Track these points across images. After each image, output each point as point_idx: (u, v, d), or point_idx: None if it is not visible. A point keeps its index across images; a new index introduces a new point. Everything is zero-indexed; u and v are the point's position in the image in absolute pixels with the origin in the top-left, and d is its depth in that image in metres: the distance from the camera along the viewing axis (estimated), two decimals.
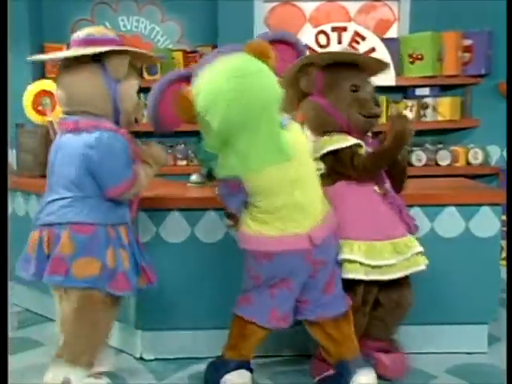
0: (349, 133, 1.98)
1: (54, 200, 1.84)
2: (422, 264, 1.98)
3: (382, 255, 1.92)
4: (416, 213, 2.20)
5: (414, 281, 2.05)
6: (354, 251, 1.92)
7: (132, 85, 1.91)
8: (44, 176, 2.81)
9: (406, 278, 2.01)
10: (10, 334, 2.51)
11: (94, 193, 1.82)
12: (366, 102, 1.97)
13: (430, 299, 2.17)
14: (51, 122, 2.71)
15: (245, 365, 1.98)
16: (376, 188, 1.99)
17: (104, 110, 1.84)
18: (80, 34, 1.90)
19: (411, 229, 2.01)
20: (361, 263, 1.92)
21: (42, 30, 3.94)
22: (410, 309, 2.07)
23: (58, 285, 1.83)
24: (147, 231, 2.23)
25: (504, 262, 2.66)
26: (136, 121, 2.01)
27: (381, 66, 2.07)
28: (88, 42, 1.85)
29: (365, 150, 1.98)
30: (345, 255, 1.92)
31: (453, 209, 2.27)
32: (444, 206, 2.27)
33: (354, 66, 2.01)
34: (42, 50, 3.85)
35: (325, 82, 1.99)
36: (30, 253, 1.86)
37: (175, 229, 2.25)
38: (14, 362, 2.21)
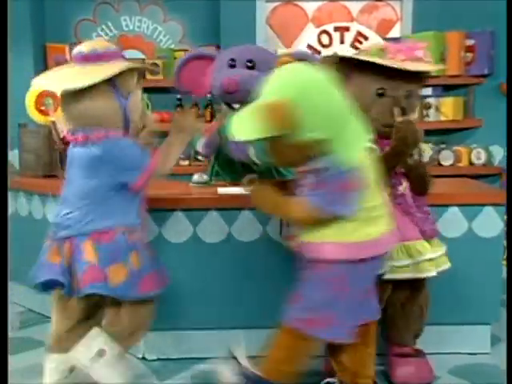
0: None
1: (70, 212, 1.86)
2: (432, 271, 1.96)
3: (391, 255, 1.90)
4: None
5: None
6: None
7: (138, 94, 1.95)
8: (46, 176, 2.84)
9: (420, 280, 2.00)
10: (12, 334, 2.52)
11: (110, 199, 1.85)
12: (386, 109, 1.91)
13: (433, 300, 2.15)
14: (54, 122, 2.72)
15: None
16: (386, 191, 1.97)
17: (116, 124, 1.88)
18: (82, 48, 1.87)
19: (426, 233, 1.99)
20: None
21: (44, 30, 3.95)
22: (422, 312, 2.07)
23: (100, 293, 1.83)
24: (150, 231, 2.22)
25: (505, 262, 2.65)
26: (143, 127, 2.05)
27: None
28: (93, 57, 1.84)
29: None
30: None
31: (456, 209, 2.27)
32: (447, 206, 2.26)
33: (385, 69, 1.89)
34: (43, 50, 3.86)
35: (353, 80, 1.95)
36: (51, 260, 1.86)
37: (178, 229, 2.25)
38: (16, 362, 2.21)
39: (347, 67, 1.96)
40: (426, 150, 1.92)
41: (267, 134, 1.53)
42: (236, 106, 2.47)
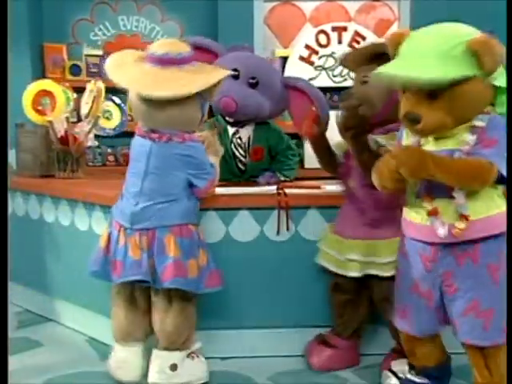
0: None
1: (152, 205, 1.92)
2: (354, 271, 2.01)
3: (342, 250, 2.03)
4: None
5: None
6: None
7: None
8: (44, 176, 2.83)
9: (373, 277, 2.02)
10: (10, 334, 2.51)
11: (186, 196, 1.97)
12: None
13: None
14: (51, 122, 2.71)
15: None
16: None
17: (194, 127, 2.00)
18: (166, 50, 1.88)
19: (373, 234, 1.98)
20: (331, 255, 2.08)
21: (42, 30, 3.94)
22: (377, 307, 2.09)
23: (181, 287, 1.91)
24: None
25: None
26: None
27: None
28: (178, 61, 1.88)
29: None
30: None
31: None
32: None
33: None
34: (41, 50, 3.85)
35: None
36: (134, 256, 1.91)
37: None
38: (14, 362, 2.20)
39: None
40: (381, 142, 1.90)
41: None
42: (231, 120, 2.48)
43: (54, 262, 2.60)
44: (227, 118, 2.50)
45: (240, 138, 2.52)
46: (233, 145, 2.52)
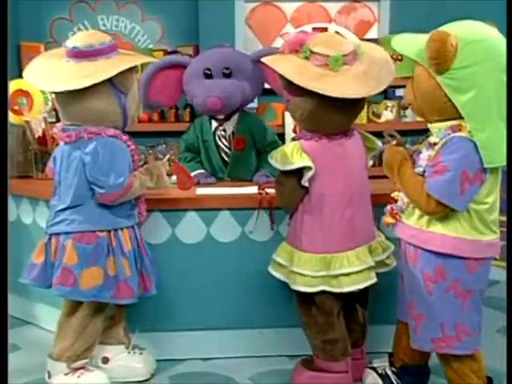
0: None
1: (62, 210, 1.90)
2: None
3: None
4: None
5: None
6: None
7: (135, 90, 1.96)
8: (21, 177, 2.79)
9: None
10: None
11: (94, 201, 1.88)
12: None
13: (379, 300, 2.15)
14: (28, 122, 2.67)
15: None
16: None
17: (115, 122, 1.90)
18: (77, 43, 1.84)
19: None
20: None
21: (19, 29, 3.88)
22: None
23: (64, 295, 1.91)
24: None
25: (504, 264, 2.66)
26: (138, 117, 2.07)
27: None
28: (90, 53, 1.82)
29: None
30: None
31: None
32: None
33: None
34: (18, 49, 3.79)
35: None
36: (35, 259, 1.94)
37: (156, 230, 2.22)
38: None
39: None
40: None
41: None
42: (220, 116, 2.48)
43: None
44: (217, 116, 2.50)
45: (224, 129, 2.53)
46: (217, 137, 2.54)
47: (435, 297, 1.72)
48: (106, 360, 2.07)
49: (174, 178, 2.51)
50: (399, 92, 3.76)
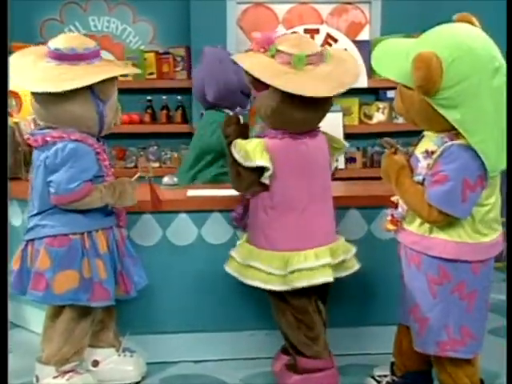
0: None
1: (33, 215, 1.88)
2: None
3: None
4: None
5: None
6: None
7: (115, 98, 1.93)
8: (10, 178, 2.76)
9: None
10: None
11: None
12: None
13: (340, 302, 2.14)
14: (17, 123, 2.65)
15: None
16: None
17: (90, 128, 1.87)
18: (59, 45, 1.82)
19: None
20: None
21: (9, 30, 3.85)
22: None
23: (38, 301, 1.89)
24: None
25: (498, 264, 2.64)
26: (114, 124, 2.01)
27: None
28: (71, 57, 1.80)
29: None
30: None
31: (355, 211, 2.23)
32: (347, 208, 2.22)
33: None
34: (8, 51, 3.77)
35: None
36: (13, 265, 1.91)
37: (147, 232, 2.21)
38: None
39: None
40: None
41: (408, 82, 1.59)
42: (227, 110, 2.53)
43: None
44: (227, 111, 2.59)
45: None
46: None
47: (439, 299, 1.70)
48: (96, 363, 2.05)
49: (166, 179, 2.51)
50: (390, 94, 3.76)
